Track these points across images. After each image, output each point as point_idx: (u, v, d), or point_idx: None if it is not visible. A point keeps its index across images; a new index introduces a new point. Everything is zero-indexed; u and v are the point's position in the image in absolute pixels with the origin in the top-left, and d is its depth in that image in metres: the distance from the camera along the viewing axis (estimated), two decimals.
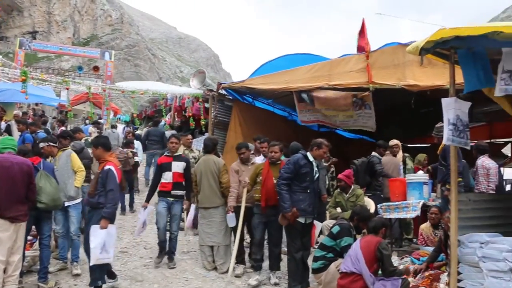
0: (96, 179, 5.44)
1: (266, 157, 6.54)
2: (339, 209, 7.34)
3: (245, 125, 9.59)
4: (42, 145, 6.44)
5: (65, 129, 11.66)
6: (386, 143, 8.50)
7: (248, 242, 7.09)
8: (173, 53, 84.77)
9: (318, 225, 6.52)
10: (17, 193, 5.21)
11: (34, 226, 6.02)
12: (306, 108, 8.75)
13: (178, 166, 6.75)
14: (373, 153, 8.29)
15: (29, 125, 10.04)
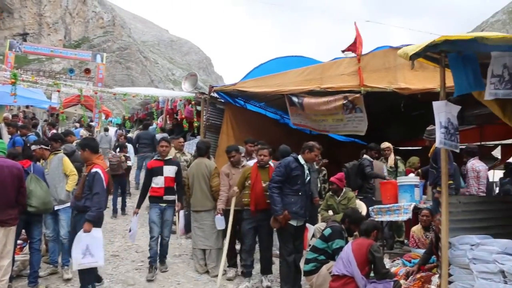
0: (83, 182, 5.31)
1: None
2: (330, 212, 7.35)
3: (237, 128, 9.57)
4: (34, 148, 6.39)
5: (56, 132, 11.59)
6: (378, 146, 8.54)
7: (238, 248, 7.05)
8: (165, 55, 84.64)
9: (310, 228, 6.52)
10: (7, 196, 5.16)
11: (24, 230, 5.98)
12: (297, 112, 8.77)
13: (170, 170, 6.62)
14: (365, 155, 8.33)
15: (19, 128, 9.96)
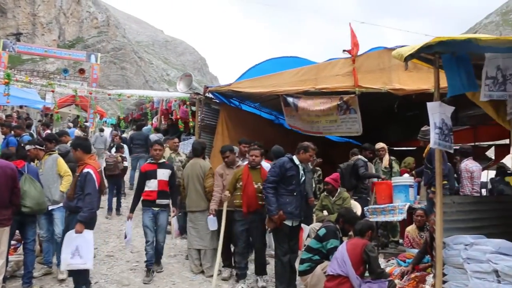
0: (75, 182, 5.25)
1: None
2: (325, 212, 7.36)
3: (232, 128, 9.56)
4: (29, 148, 6.36)
5: (50, 132, 11.53)
6: (372, 146, 8.57)
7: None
8: (160, 56, 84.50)
9: (305, 228, 6.53)
10: (0, 197, 5.13)
11: (18, 231, 5.95)
12: (291, 113, 8.77)
13: (164, 174, 6.53)
14: (359, 156, 8.35)
15: (13, 128, 9.91)
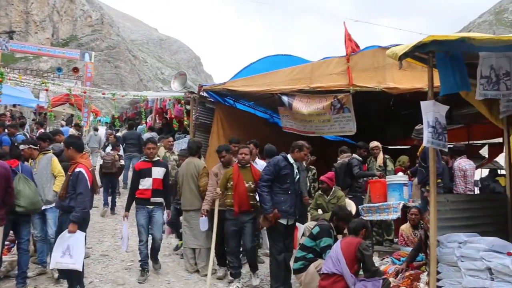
0: (67, 182, 5.18)
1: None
2: (320, 211, 7.38)
3: (227, 128, 9.55)
4: (23, 148, 6.32)
5: (44, 132, 11.48)
6: (366, 144, 8.58)
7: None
8: (154, 54, 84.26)
9: (300, 227, 6.54)
10: None
11: (12, 231, 5.91)
12: (284, 112, 8.76)
13: (159, 172, 6.43)
14: (353, 154, 8.37)
15: (7, 127, 9.86)
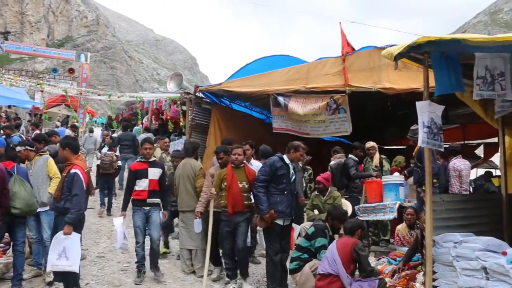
0: (62, 183, 5.16)
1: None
2: (316, 211, 7.38)
3: (224, 129, 9.54)
4: (19, 149, 6.29)
5: (39, 133, 11.44)
6: (362, 145, 8.58)
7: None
8: (150, 55, 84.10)
9: (296, 227, 6.55)
10: None
11: (7, 233, 5.88)
12: (280, 113, 8.75)
13: (155, 173, 6.37)
14: (349, 155, 8.37)
15: (3, 128, 9.83)
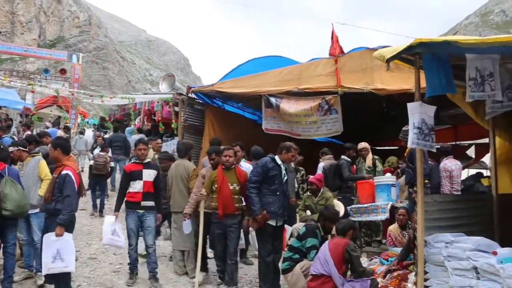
0: (53, 184, 5.10)
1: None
2: (308, 212, 7.40)
3: (218, 130, 9.55)
4: (12, 149, 6.24)
5: (30, 134, 11.36)
6: (355, 145, 8.60)
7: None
8: (142, 56, 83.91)
9: (288, 228, 6.57)
10: None
11: None
12: (272, 114, 8.75)
13: (150, 175, 6.24)
14: (342, 156, 8.38)
15: None
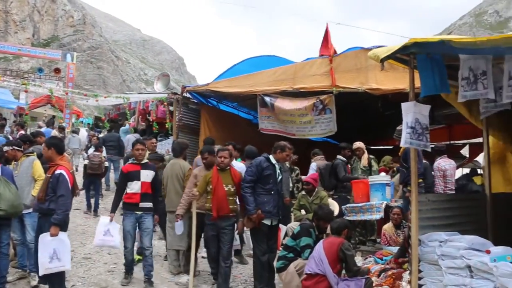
0: (46, 184, 5.07)
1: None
2: (303, 211, 7.41)
3: (213, 129, 9.55)
4: (7, 149, 6.20)
5: (24, 133, 11.31)
6: (350, 145, 8.61)
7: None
8: (137, 55, 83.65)
9: (283, 228, 6.58)
10: None
11: None
12: (266, 114, 8.76)
13: (148, 176, 6.16)
14: (338, 156, 8.39)
15: None
